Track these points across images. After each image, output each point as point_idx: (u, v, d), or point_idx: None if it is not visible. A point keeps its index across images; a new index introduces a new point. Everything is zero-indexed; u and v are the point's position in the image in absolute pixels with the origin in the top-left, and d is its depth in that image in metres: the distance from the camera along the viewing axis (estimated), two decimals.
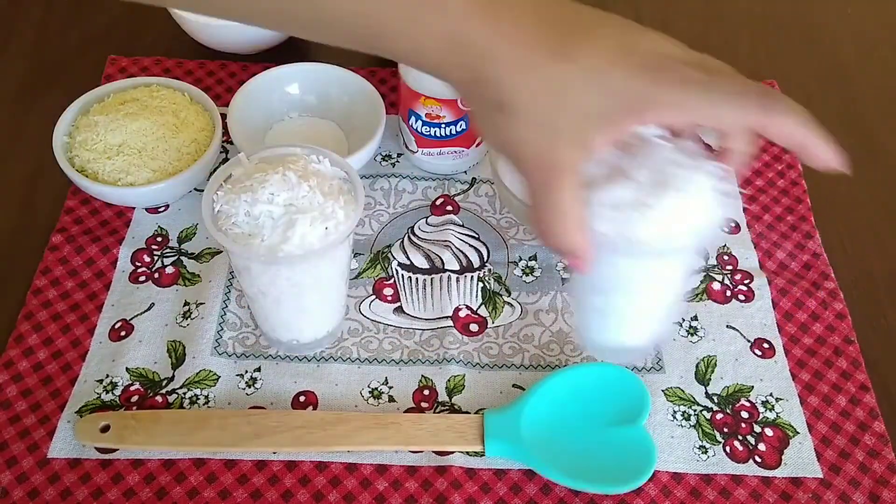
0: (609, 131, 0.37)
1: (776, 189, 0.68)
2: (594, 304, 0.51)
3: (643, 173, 0.41)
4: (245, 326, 0.58)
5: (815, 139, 0.38)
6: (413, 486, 0.52)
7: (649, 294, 0.49)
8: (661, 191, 0.41)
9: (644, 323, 0.53)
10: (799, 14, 0.84)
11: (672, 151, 0.42)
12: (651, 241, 0.42)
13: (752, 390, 0.56)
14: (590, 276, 0.43)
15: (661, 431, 0.54)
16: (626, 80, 0.36)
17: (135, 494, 0.51)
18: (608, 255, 0.44)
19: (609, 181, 0.42)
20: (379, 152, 0.69)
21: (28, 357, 0.56)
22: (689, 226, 0.43)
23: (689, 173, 0.42)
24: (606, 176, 0.42)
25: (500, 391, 0.56)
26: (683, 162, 0.42)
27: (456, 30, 0.35)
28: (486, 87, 0.36)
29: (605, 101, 0.36)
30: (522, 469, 0.52)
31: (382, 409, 0.55)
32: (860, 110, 0.75)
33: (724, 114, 0.38)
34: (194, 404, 0.55)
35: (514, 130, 0.37)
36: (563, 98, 0.36)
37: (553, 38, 0.36)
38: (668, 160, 0.42)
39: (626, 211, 0.41)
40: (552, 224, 0.39)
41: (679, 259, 0.45)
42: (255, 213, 0.47)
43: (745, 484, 0.52)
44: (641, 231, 0.42)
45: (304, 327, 0.56)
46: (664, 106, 0.37)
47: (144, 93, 0.66)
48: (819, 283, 0.62)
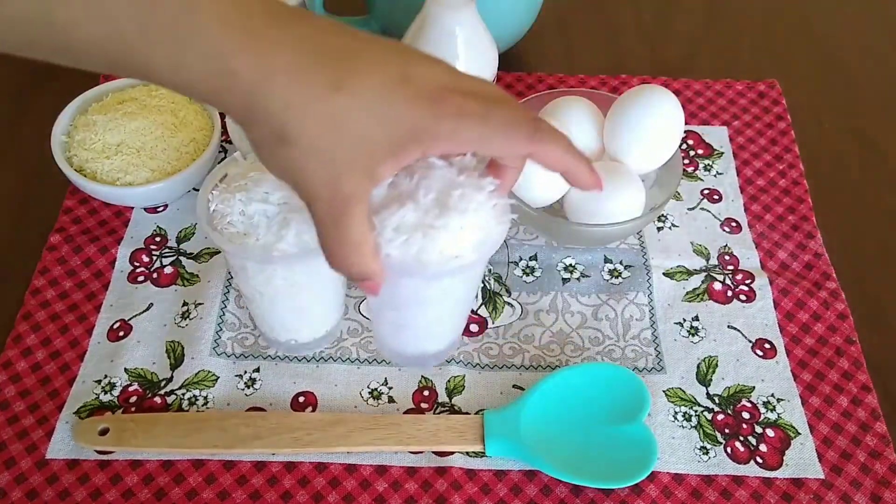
0: (392, 162, 0.38)
1: (777, 189, 0.68)
2: (389, 318, 0.52)
3: (425, 194, 0.43)
4: (244, 327, 0.58)
5: (577, 165, 0.42)
6: (413, 486, 0.51)
7: (441, 307, 0.50)
8: (443, 211, 0.43)
9: (439, 331, 0.54)
10: (799, 14, 0.84)
11: (450, 171, 0.44)
12: (436, 262, 0.43)
13: (753, 391, 0.56)
14: (382, 292, 0.45)
15: (662, 432, 0.54)
16: (405, 110, 0.36)
17: (133, 495, 0.51)
18: (396, 277, 0.45)
19: (392, 203, 0.43)
20: None
21: (26, 357, 0.56)
22: (471, 243, 0.44)
23: (469, 191, 0.43)
24: (390, 198, 0.43)
25: (500, 391, 0.56)
26: (462, 182, 0.43)
27: (226, 68, 0.34)
28: (266, 121, 0.36)
29: (386, 131, 0.36)
30: (523, 470, 0.52)
31: (382, 409, 0.55)
32: (860, 110, 0.75)
33: (497, 146, 0.40)
34: (193, 405, 0.54)
35: (297, 161, 0.37)
36: (344, 129, 0.36)
37: (329, 69, 0.35)
38: (448, 180, 0.43)
39: (410, 233, 0.43)
40: (347, 255, 0.39)
41: (465, 274, 0.46)
42: (250, 211, 0.47)
43: (746, 485, 0.52)
44: (426, 253, 0.43)
45: (301, 327, 0.55)
46: (442, 139, 0.37)
47: (143, 92, 0.65)
48: (821, 283, 0.62)
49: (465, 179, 0.43)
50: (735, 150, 0.71)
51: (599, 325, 0.59)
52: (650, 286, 0.61)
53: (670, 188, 0.61)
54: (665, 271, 0.62)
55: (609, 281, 0.61)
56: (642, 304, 0.60)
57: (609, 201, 0.58)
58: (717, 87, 0.75)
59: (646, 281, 0.61)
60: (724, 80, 0.76)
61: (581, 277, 0.62)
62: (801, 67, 0.79)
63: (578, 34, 0.81)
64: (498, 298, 0.60)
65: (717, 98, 0.75)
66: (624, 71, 0.77)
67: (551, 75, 0.76)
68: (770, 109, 0.74)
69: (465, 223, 0.43)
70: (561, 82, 0.75)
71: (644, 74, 0.76)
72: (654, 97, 0.59)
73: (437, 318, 0.52)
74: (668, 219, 0.65)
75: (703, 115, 0.73)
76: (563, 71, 0.77)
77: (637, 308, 0.60)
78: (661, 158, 0.60)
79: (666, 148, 0.60)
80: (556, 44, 0.80)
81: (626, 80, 0.75)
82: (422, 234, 0.43)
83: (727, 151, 0.71)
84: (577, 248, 0.63)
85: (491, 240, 0.45)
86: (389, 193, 0.43)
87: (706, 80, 0.76)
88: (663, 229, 0.65)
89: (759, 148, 0.71)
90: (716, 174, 0.69)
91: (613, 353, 0.58)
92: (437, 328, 0.53)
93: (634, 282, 0.61)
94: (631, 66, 0.78)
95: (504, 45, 0.73)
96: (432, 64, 0.39)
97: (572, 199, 0.60)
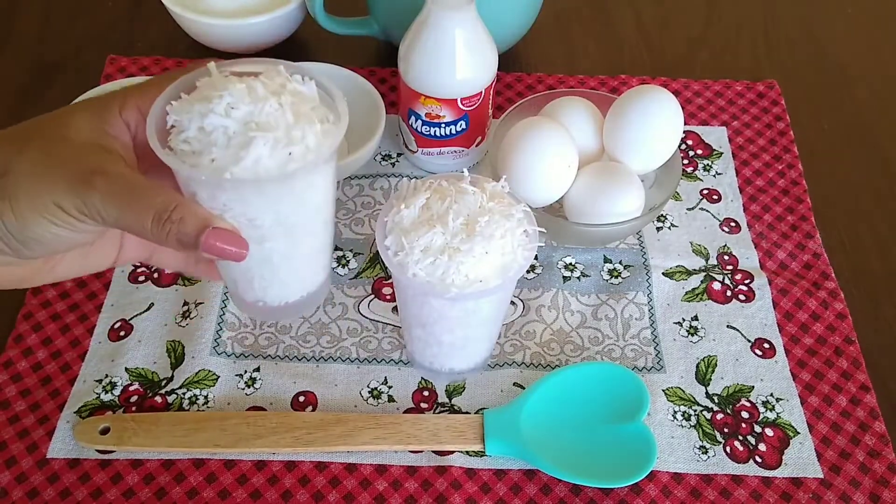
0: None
1: (776, 189, 0.68)
2: (417, 335, 0.53)
3: (454, 219, 0.45)
4: (244, 326, 0.58)
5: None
6: (413, 486, 0.52)
7: (466, 327, 0.51)
8: (470, 236, 0.45)
9: (466, 350, 0.54)
10: (799, 14, 0.84)
11: (481, 197, 0.46)
12: (459, 285, 0.45)
13: (752, 390, 0.56)
14: (411, 309, 0.48)
15: (662, 431, 0.54)
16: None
17: (134, 494, 0.51)
18: (423, 297, 0.47)
19: (423, 226, 0.45)
20: (379, 152, 0.69)
21: (27, 357, 0.56)
22: (495, 268, 0.46)
23: (497, 218, 0.45)
24: (421, 220, 0.46)
25: (501, 389, 0.56)
26: (491, 208, 0.46)
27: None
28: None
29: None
30: (523, 469, 0.52)
31: (382, 409, 0.55)
32: (860, 110, 0.75)
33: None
34: (194, 404, 0.54)
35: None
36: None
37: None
38: (477, 205, 0.46)
39: (437, 255, 0.45)
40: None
41: (489, 297, 0.47)
42: (208, 126, 0.39)
43: (745, 484, 0.52)
44: (451, 275, 0.45)
45: (268, 286, 0.46)
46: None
47: None
48: (819, 282, 0.62)
49: (494, 206, 0.46)
50: (734, 151, 0.71)
51: (599, 324, 0.59)
52: (650, 286, 0.61)
53: (669, 188, 0.61)
54: (664, 271, 0.62)
55: (609, 281, 0.62)
56: (642, 304, 0.60)
57: (609, 201, 0.59)
58: (717, 88, 0.75)
59: (645, 281, 0.62)
60: (724, 80, 0.76)
61: (581, 277, 0.62)
62: (801, 67, 0.79)
63: (578, 34, 0.81)
64: None
65: (717, 98, 0.75)
66: (623, 71, 0.77)
67: (551, 75, 0.76)
68: (769, 110, 0.74)
69: (490, 248, 0.45)
70: (561, 82, 0.75)
71: (643, 75, 0.76)
72: (653, 97, 0.59)
73: (464, 338, 0.52)
74: (668, 219, 0.66)
75: (702, 115, 0.73)
76: (562, 71, 0.77)
77: (637, 308, 0.60)
78: (660, 159, 0.61)
79: (665, 148, 0.60)
80: (556, 44, 0.80)
81: (625, 80, 0.76)
82: (448, 256, 0.44)
83: (726, 151, 0.71)
84: (577, 247, 0.63)
85: (517, 265, 0.46)
86: (421, 216, 0.46)
87: (705, 81, 0.76)
88: (662, 229, 0.65)
89: (758, 148, 0.71)
90: (715, 174, 0.69)
91: (613, 353, 0.58)
92: (464, 348, 0.53)
93: (634, 281, 0.62)
94: (630, 66, 0.78)
95: (504, 45, 0.74)
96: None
97: (572, 199, 0.60)
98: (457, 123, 0.63)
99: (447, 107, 0.62)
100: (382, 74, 0.74)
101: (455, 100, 0.62)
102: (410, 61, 0.61)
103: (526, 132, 0.59)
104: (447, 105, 0.62)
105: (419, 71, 0.61)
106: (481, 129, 0.66)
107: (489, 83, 0.62)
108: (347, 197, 0.66)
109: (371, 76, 0.72)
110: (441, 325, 0.50)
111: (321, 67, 0.69)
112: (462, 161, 0.67)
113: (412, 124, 0.65)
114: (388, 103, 0.67)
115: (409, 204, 0.46)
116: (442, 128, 0.63)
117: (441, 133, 0.64)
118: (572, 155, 0.59)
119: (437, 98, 0.62)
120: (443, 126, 0.63)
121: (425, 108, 0.63)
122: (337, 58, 0.69)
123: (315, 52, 0.76)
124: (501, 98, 0.74)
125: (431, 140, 0.65)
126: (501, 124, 0.63)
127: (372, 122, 0.65)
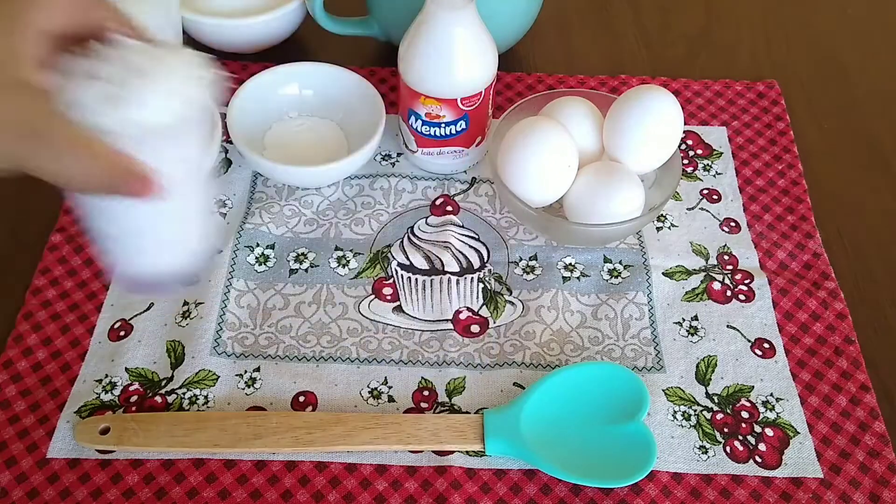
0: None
1: (776, 189, 0.68)
2: (107, 233, 0.45)
3: (108, 70, 0.39)
4: (244, 326, 0.58)
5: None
6: (413, 486, 0.52)
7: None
8: (129, 80, 0.38)
9: (164, 236, 0.46)
10: (799, 14, 0.84)
11: (140, 48, 0.40)
12: (127, 128, 0.38)
13: (752, 390, 0.56)
14: (98, 202, 0.41)
15: (662, 431, 0.54)
16: None
17: (134, 494, 0.51)
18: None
19: (71, 83, 0.38)
20: (379, 152, 0.69)
21: (27, 357, 0.56)
22: (163, 107, 0.39)
23: (157, 62, 0.39)
24: (68, 81, 0.39)
25: (501, 389, 0.56)
26: (152, 53, 0.40)
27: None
28: None
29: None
30: (523, 469, 0.52)
31: (382, 409, 0.55)
32: (860, 110, 0.75)
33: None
34: (194, 404, 0.54)
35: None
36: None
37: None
38: (137, 55, 0.40)
39: (93, 105, 0.38)
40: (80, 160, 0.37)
41: (166, 146, 0.41)
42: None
43: (745, 484, 0.52)
44: (112, 120, 0.38)
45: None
46: None
47: None
48: (819, 282, 0.62)
49: (153, 51, 0.40)
50: (734, 151, 0.71)
51: (599, 324, 0.59)
52: (649, 286, 0.61)
53: (669, 188, 0.61)
54: (664, 271, 0.62)
55: (609, 280, 0.62)
56: (642, 304, 0.60)
57: (609, 201, 0.59)
58: (717, 88, 0.75)
59: (645, 281, 0.62)
60: (724, 80, 0.76)
61: (581, 277, 0.62)
62: (801, 67, 0.79)
63: (578, 34, 0.81)
64: (499, 298, 0.60)
65: (717, 98, 0.75)
66: (623, 71, 0.77)
67: (551, 75, 0.76)
68: (769, 109, 0.74)
69: (152, 88, 0.39)
70: (561, 83, 0.75)
71: (643, 75, 0.76)
72: (653, 97, 0.59)
73: (156, 214, 0.43)
74: (668, 219, 0.66)
75: (702, 115, 0.73)
76: (562, 71, 0.77)
77: (636, 307, 0.60)
78: (660, 158, 0.61)
79: (665, 148, 0.60)
80: (556, 44, 0.80)
81: (625, 80, 0.76)
82: (106, 103, 0.38)
83: (726, 151, 0.71)
84: (577, 247, 0.63)
85: (189, 104, 0.40)
86: (65, 78, 0.39)
87: (705, 81, 0.76)
88: (662, 229, 0.65)
89: (758, 148, 0.71)
90: (715, 174, 0.69)
91: (613, 353, 0.58)
92: (159, 231, 0.45)
93: (634, 281, 0.62)
94: (630, 66, 0.78)
95: (504, 45, 0.74)
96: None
97: (572, 198, 0.60)
98: (457, 123, 0.63)
99: (447, 107, 0.62)
100: (382, 74, 0.74)
101: (455, 100, 0.62)
102: (410, 61, 0.61)
103: (526, 132, 0.59)
104: (447, 105, 0.62)
105: (419, 71, 0.61)
106: (481, 129, 0.66)
107: (489, 83, 0.63)
108: (347, 197, 0.66)
109: (371, 76, 0.72)
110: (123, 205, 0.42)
111: (321, 67, 0.69)
112: (462, 161, 0.67)
113: (412, 124, 0.65)
114: (388, 103, 0.67)
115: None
116: (442, 128, 0.63)
117: (441, 133, 0.64)
118: (572, 155, 0.59)
119: (436, 98, 0.62)
120: (443, 126, 0.63)
121: (425, 107, 0.63)
122: (337, 58, 0.69)
123: (315, 52, 0.76)
124: (501, 98, 0.74)
125: (431, 140, 0.65)
126: (501, 124, 0.63)
127: (372, 122, 0.65)
